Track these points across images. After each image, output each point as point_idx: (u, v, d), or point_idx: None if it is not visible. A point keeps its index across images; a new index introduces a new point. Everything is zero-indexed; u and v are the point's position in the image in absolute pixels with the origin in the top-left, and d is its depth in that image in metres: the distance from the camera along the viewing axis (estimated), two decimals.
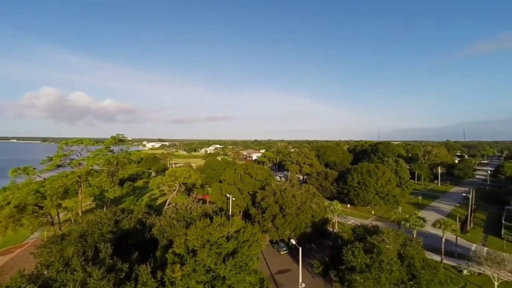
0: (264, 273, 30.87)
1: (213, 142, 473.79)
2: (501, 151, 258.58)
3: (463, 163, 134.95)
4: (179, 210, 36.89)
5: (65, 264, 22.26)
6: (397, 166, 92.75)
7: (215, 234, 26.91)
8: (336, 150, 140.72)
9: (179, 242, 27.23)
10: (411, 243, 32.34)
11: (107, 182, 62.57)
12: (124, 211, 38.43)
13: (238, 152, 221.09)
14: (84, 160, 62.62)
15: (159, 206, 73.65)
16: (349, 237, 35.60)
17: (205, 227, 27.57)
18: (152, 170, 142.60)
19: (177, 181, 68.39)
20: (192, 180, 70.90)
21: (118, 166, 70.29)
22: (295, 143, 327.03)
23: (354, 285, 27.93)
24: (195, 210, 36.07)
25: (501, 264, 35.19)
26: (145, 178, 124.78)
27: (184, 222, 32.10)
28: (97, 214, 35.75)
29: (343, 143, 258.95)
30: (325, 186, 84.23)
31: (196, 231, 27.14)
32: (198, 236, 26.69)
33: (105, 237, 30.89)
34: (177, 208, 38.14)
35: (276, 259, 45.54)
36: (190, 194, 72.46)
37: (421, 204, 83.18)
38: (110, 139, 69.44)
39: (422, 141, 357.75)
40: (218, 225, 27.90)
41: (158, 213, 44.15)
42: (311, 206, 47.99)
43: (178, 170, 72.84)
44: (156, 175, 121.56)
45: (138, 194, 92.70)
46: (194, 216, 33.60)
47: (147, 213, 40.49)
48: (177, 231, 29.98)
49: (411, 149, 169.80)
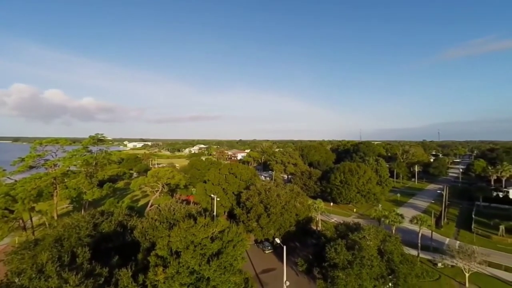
0: (249, 273, 30.90)
1: (198, 142, 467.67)
2: (472, 150, 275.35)
3: (437, 162, 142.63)
4: (162, 211, 36.04)
5: (38, 270, 21.09)
6: (378, 165, 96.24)
7: (199, 235, 26.58)
8: (320, 150, 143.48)
9: (162, 244, 26.65)
10: (390, 239, 33.63)
11: (85, 184, 59.94)
12: (103, 213, 37.02)
13: (223, 152, 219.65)
14: (60, 161, 59.59)
15: (141, 207, 71.65)
16: (332, 234, 36.40)
17: (189, 228, 27.16)
18: (134, 171, 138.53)
19: (160, 181, 66.79)
20: (175, 180, 69.52)
21: (97, 167, 67.52)
22: (279, 143, 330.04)
23: (336, 281, 28.59)
24: (179, 211, 35.39)
25: (471, 256, 37.46)
26: (126, 179, 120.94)
27: (167, 224, 31.43)
28: (74, 217, 34.16)
29: (326, 143, 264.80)
30: (309, 185, 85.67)
31: (180, 232, 26.67)
32: (182, 238, 26.24)
33: (83, 241, 29.61)
34: (160, 210, 37.23)
35: (261, 258, 45.73)
36: (173, 195, 71.06)
37: (400, 201, 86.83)
38: (89, 138, 66.52)
39: (400, 141, 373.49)
40: (202, 225, 27.58)
41: (140, 215, 42.95)
42: (295, 205, 48.64)
43: (161, 170, 71.18)
44: (138, 176, 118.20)
45: (119, 196, 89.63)
46: (177, 217, 32.98)
47: (128, 215, 39.22)
48: (160, 233, 29.32)
49: (391, 149, 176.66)
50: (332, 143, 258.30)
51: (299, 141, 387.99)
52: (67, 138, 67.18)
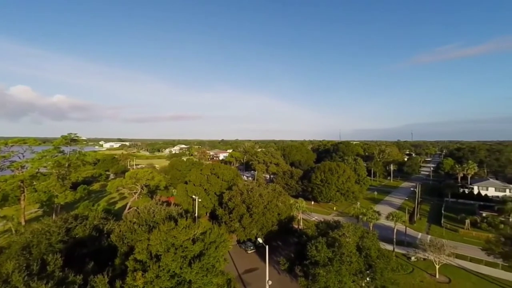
0: (231, 274, 30.75)
1: (178, 142, 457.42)
2: (441, 150, 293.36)
3: (411, 161, 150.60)
4: (141, 214, 34.87)
5: (3, 281, 19.59)
6: (356, 164, 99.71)
7: (180, 237, 26.02)
8: (301, 150, 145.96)
9: (140, 248, 25.78)
10: (368, 235, 34.95)
11: (57, 187, 56.57)
12: (77, 217, 35.17)
13: (205, 152, 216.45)
14: (28, 162, 55.82)
15: (119, 210, 68.88)
16: (313, 233, 37.16)
17: (169, 230, 26.50)
18: (111, 172, 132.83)
19: (138, 183, 64.51)
20: (155, 181, 67.47)
21: (70, 169, 63.88)
22: (262, 143, 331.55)
23: (317, 278, 29.22)
24: (159, 213, 34.43)
25: (441, 249, 39.94)
26: (103, 181, 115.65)
27: (146, 227, 30.48)
28: (44, 223, 32.12)
29: (307, 143, 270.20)
30: (291, 185, 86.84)
31: (160, 235, 25.95)
32: (162, 240, 25.55)
33: (54, 247, 27.92)
34: (138, 212, 35.99)
35: (243, 258, 45.65)
36: (153, 197, 68.98)
37: (377, 199, 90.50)
38: (60, 138, 62.82)
39: (377, 140, 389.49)
40: (183, 227, 27.02)
41: (118, 218, 41.37)
42: (277, 205, 49.09)
43: (140, 171, 68.75)
44: (115, 177, 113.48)
45: (94, 199, 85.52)
46: (157, 220, 32.08)
47: (104, 218, 37.61)
48: (138, 236, 28.35)
49: (368, 148, 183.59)
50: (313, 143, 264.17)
51: (281, 141, 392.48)
52: (36, 138, 63.05)
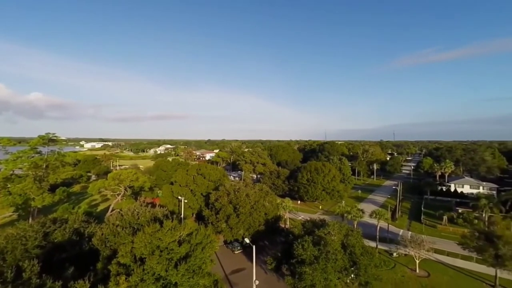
0: (218, 275, 30.57)
1: (164, 142, 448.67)
2: (421, 149, 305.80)
3: (393, 160, 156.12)
4: (125, 216, 33.89)
5: None
6: (341, 163, 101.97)
7: (166, 239, 25.55)
8: (288, 150, 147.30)
9: (124, 251, 25.10)
10: (353, 233, 35.84)
11: (33, 189, 53.89)
12: (56, 221, 33.72)
13: (191, 152, 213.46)
14: (2, 164, 52.80)
15: (101, 213, 66.61)
16: (299, 231, 37.63)
17: (154, 232, 25.95)
18: (92, 173, 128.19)
19: (122, 184, 62.74)
20: (139, 183, 65.91)
21: (48, 170, 61.04)
22: (248, 143, 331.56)
23: (304, 276, 29.62)
24: (143, 215, 33.61)
25: (421, 245, 41.64)
26: (83, 182, 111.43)
27: (130, 229, 29.68)
28: (19, 227, 30.51)
29: (293, 143, 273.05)
30: (278, 184, 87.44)
31: (144, 237, 25.37)
32: (147, 243, 24.99)
33: (31, 253, 26.62)
34: (122, 214, 34.95)
35: (230, 259, 45.48)
36: (137, 198, 67.34)
37: (361, 197, 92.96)
38: (37, 138, 59.82)
39: (361, 140, 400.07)
40: (168, 229, 26.55)
41: (100, 221, 40.04)
42: (264, 204, 49.28)
43: (124, 172, 66.89)
44: (97, 178, 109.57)
45: (75, 201, 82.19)
46: (142, 222, 31.31)
47: (85, 221, 36.31)
48: (122, 239, 27.57)
49: (352, 148, 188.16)
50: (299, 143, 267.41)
51: (268, 141, 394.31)
52: (10, 138, 59.85)
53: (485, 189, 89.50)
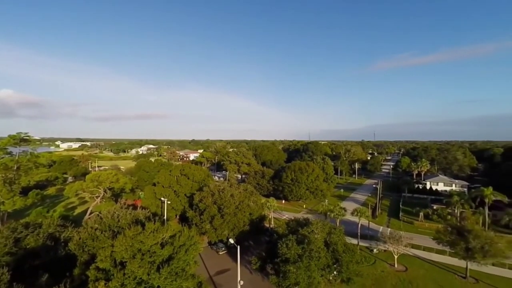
0: (202, 276, 30.16)
1: (146, 142, 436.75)
2: (399, 149, 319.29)
3: (373, 160, 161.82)
4: (104, 219, 32.66)
5: None
6: (324, 163, 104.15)
7: (148, 242, 24.90)
8: (272, 150, 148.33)
9: (103, 255, 24.18)
10: (335, 231, 36.73)
11: (3, 192, 50.68)
12: (28, 226, 31.90)
13: (174, 152, 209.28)
14: None
15: (79, 216, 63.79)
16: (284, 231, 38.03)
17: (135, 235, 25.21)
18: (69, 175, 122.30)
19: (101, 186, 60.31)
20: (120, 184, 63.64)
21: (19, 172, 57.55)
22: (233, 143, 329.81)
23: (288, 275, 29.97)
24: (124, 218, 32.56)
25: (399, 241, 43.42)
26: (59, 184, 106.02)
27: (110, 232, 28.66)
28: None
29: (278, 143, 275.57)
30: (262, 184, 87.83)
31: (125, 240, 24.57)
32: (128, 246, 24.22)
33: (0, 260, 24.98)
34: (101, 217, 33.65)
35: (214, 260, 45.10)
36: (118, 201, 65.07)
37: (343, 196, 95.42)
38: (8, 138, 56.28)
39: (343, 141, 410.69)
40: (151, 231, 25.90)
41: (77, 225, 38.34)
42: (249, 204, 49.32)
43: (103, 173, 64.30)
44: (74, 180, 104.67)
45: (50, 204, 78.06)
46: (122, 225, 30.34)
47: (61, 225, 34.67)
48: (101, 243, 26.56)
49: (335, 148, 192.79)
50: (284, 143, 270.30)
51: (253, 141, 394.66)
52: None
53: (457, 186, 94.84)
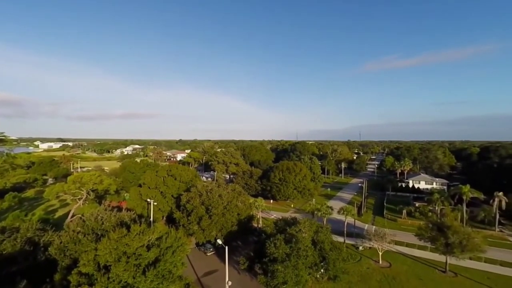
0: (190, 278, 29.83)
1: (131, 142, 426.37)
2: (384, 149, 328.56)
3: (359, 159, 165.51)
4: (87, 221, 31.61)
5: None
6: (311, 163, 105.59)
7: (133, 244, 24.35)
8: (260, 150, 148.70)
9: (86, 259, 23.43)
10: (322, 230, 37.35)
11: None
12: (4, 230, 30.45)
13: (161, 152, 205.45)
14: None
15: (60, 219, 61.45)
16: (272, 230, 38.24)
17: (120, 238, 24.59)
18: (49, 177, 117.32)
19: (84, 188, 58.36)
20: (104, 186, 61.85)
21: None
22: (221, 143, 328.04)
23: (276, 274, 30.16)
24: (108, 220, 31.66)
25: (383, 238, 44.71)
26: (39, 186, 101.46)
27: (93, 236, 27.79)
28: None
29: (266, 143, 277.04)
30: (250, 184, 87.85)
31: (109, 243, 23.92)
32: (112, 249, 23.59)
33: None
34: (84, 220, 32.55)
35: (202, 261, 44.70)
36: (102, 202, 63.21)
37: (330, 195, 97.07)
38: None
39: (330, 140, 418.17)
40: (136, 234, 25.34)
41: (58, 228, 36.90)
42: (237, 205, 49.21)
43: (86, 175, 62.23)
44: (55, 182, 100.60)
45: (28, 208, 74.58)
46: (106, 227, 29.49)
47: (41, 229, 33.28)
48: (84, 246, 25.71)
49: (322, 148, 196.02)
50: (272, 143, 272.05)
51: (241, 141, 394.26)
52: None
53: (438, 184, 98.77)
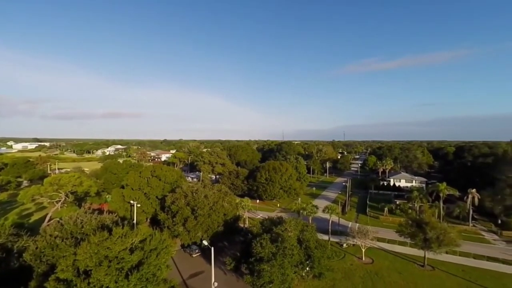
0: (175, 281, 29.35)
1: (114, 142, 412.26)
2: (367, 148, 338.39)
3: (343, 159, 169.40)
4: (65, 225, 30.23)
5: None
6: (297, 162, 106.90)
7: (115, 248, 23.61)
8: (247, 150, 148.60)
9: (65, 265, 22.44)
10: (308, 228, 37.90)
11: None
12: None
13: (145, 153, 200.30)
14: None
15: (35, 223, 58.55)
16: (258, 230, 38.35)
17: (101, 241, 23.76)
18: (24, 179, 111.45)
19: (62, 190, 55.81)
20: (84, 187, 59.42)
21: None
22: (207, 143, 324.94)
23: (262, 274, 30.28)
24: (89, 223, 30.45)
25: (366, 235, 46.03)
26: (12, 189, 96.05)
27: (72, 240, 26.65)
28: None
29: (253, 143, 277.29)
30: (237, 184, 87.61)
31: (90, 247, 23.04)
32: (92, 253, 22.74)
33: None
34: (62, 224, 31.11)
35: (188, 263, 44.06)
36: (82, 205, 60.70)
37: (315, 194, 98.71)
38: None
39: (315, 140, 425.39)
40: (118, 236, 24.58)
41: (34, 233, 35.09)
42: (223, 205, 48.91)
43: (64, 176, 59.50)
44: (30, 184, 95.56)
45: (0, 212, 70.45)
46: (86, 231, 28.37)
47: (14, 234, 31.58)
48: (61, 251, 24.62)
49: (308, 148, 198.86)
50: (258, 143, 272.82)
51: (227, 141, 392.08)
52: None
53: (417, 182, 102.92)
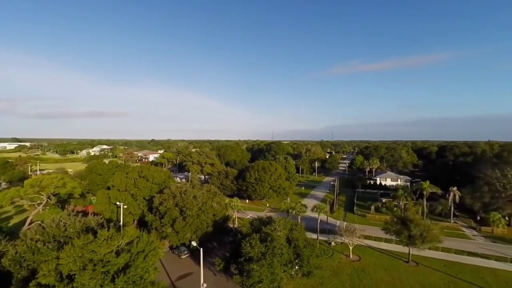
0: (163, 283, 28.88)
1: (99, 142, 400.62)
2: (354, 148, 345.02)
3: (331, 158, 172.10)
4: (47, 228, 29.12)
5: None
6: (286, 162, 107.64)
7: (101, 251, 22.98)
8: (236, 150, 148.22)
9: (47, 270, 21.64)
10: (296, 228, 38.20)
11: None
12: None
13: (132, 153, 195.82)
14: None
15: (15, 227, 56.07)
16: (248, 230, 38.30)
17: (86, 244, 23.07)
18: (3, 180, 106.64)
19: (44, 192, 53.74)
20: (67, 189, 57.41)
21: None
22: (196, 143, 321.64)
23: (251, 274, 30.27)
24: (72, 226, 29.48)
25: (353, 233, 46.96)
26: None
27: (54, 244, 25.73)
28: None
29: (242, 143, 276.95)
30: (226, 185, 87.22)
31: (73, 251, 22.32)
32: (76, 257, 22.04)
33: None
34: (43, 227, 29.95)
35: (176, 264, 43.46)
36: (65, 207, 58.74)
37: (304, 193, 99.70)
38: None
39: (304, 140, 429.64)
40: (104, 239, 23.95)
41: (13, 237, 33.61)
42: (212, 205, 48.57)
43: (46, 177, 57.28)
44: (9, 186, 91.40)
45: None
46: (70, 234, 27.48)
47: None
48: (43, 256, 23.72)
49: (297, 148, 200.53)
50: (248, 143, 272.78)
51: (216, 141, 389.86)
52: None
53: (402, 181, 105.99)
